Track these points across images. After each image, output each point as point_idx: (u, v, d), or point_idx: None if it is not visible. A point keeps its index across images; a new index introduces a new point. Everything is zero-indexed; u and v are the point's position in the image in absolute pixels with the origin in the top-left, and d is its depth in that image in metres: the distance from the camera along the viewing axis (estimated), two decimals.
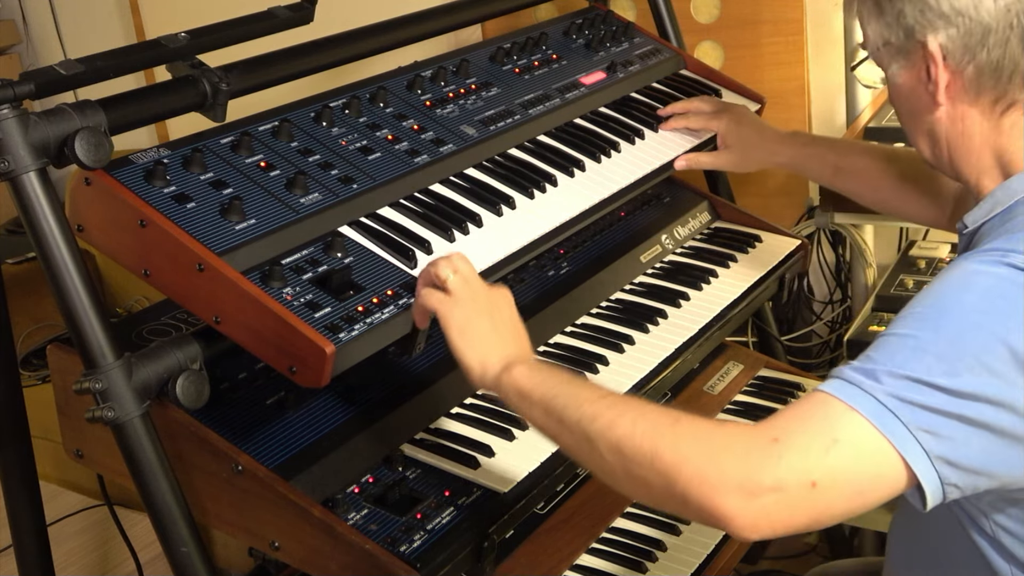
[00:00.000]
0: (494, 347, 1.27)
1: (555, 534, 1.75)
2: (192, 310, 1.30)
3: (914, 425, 1.05)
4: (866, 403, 1.06)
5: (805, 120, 2.57)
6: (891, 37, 1.26)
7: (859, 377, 1.08)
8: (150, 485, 1.26)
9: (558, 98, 1.87)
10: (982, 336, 1.06)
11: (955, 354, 1.06)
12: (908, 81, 1.28)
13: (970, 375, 1.05)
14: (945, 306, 1.10)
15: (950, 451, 1.06)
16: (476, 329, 1.27)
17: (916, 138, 1.32)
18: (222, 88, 1.46)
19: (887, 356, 1.08)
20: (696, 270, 1.99)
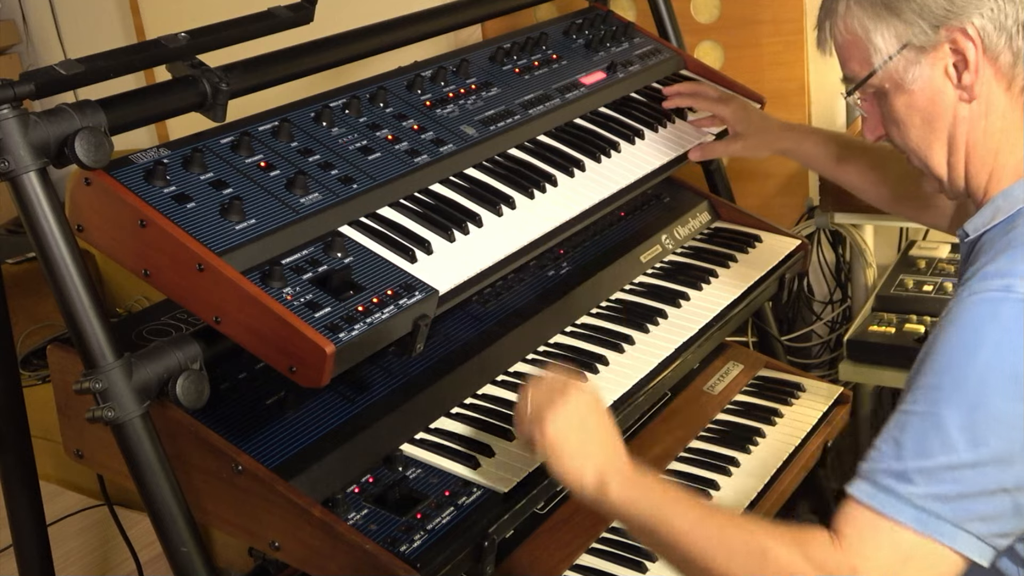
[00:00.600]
0: (585, 464, 1.28)
1: (555, 534, 1.75)
2: (192, 310, 1.30)
3: (959, 519, 1.07)
4: (907, 512, 1.09)
5: (805, 120, 2.57)
6: (913, 36, 1.21)
7: (893, 483, 1.09)
8: (150, 485, 1.26)
9: (558, 98, 1.87)
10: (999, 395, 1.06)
11: (978, 421, 1.06)
12: (929, 83, 1.23)
13: (996, 438, 1.06)
14: (960, 374, 1.08)
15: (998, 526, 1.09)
16: (565, 448, 1.29)
17: (929, 151, 1.27)
18: (222, 88, 1.45)
19: (914, 446, 1.09)
20: (696, 270, 1.99)
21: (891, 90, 1.26)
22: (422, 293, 1.35)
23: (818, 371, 2.70)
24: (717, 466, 1.93)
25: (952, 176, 1.28)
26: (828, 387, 2.19)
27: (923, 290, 2.33)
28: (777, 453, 1.97)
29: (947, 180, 1.29)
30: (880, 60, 1.24)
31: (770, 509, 1.89)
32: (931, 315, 2.27)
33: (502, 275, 1.54)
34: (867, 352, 2.27)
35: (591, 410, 1.32)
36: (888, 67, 1.24)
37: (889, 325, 2.28)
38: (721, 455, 1.96)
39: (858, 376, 2.32)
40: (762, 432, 2.02)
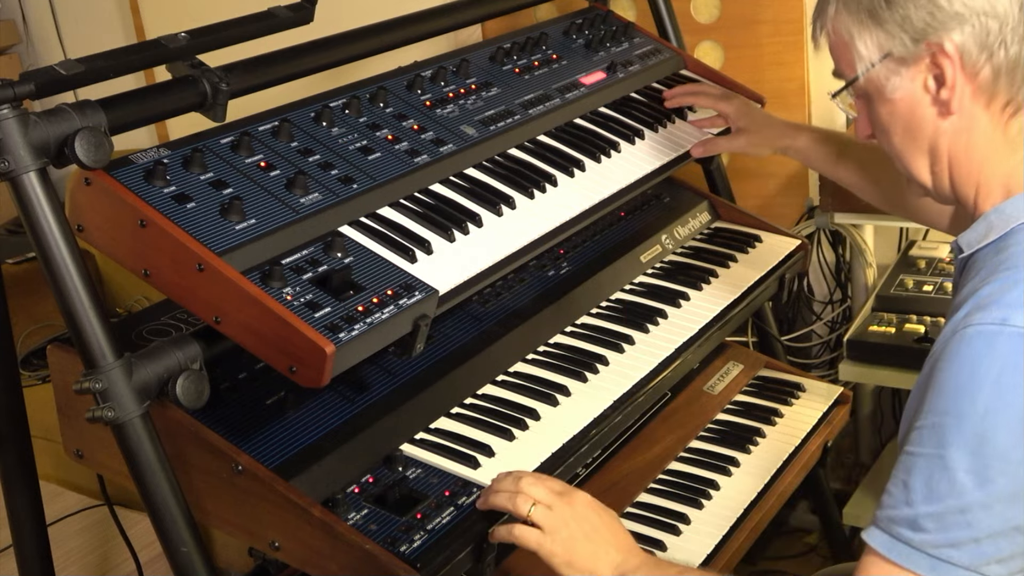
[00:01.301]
0: (600, 564, 1.30)
1: None
2: (192, 310, 1.30)
3: (974, 564, 1.07)
4: (922, 562, 1.08)
5: (805, 120, 2.56)
6: (894, 47, 1.20)
7: (906, 532, 1.09)
8: (150, 485, 1.26)
9: (558, 98, 1.87)
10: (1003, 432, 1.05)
11: (984, 461, 1.06)
12: (909, 94, 1.21)
13: (1003, 477, 1.05)
14: (962, 413, 1.06)
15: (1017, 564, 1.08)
16: (579, 554, 1.30)
17: (911, 160, 1.26)
18: (222, 88, 1.45)
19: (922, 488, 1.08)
20: (696, 270, 1.99)
21: (874, 96, 1.25)
22: (422, 293, 1.35)
23: (818, 371, 2.70)
24: (717, 466, 1.93)
25: (937, 184, 1.26)
26: (828, 387, 2.19)
27: (923, 290, 2.33)
28: (777, 453, 1.97)
29: (932, 187, 1.27)
30: (863, 67, 1.23)
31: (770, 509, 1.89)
32: (931, 315, 2.27)
33: (502, 275, 1.54)
34: (867, 352, 2.27)
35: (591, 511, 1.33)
36: (870, 74, 1.23)
37: (889, 325, 2.28)
38: (721, 455, 1.96)
39: (858, 376, 2.32)
40: (762, 432, 2.02)
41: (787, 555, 2.66)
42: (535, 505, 1.31)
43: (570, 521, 1.31)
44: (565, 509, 1.31)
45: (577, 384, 1.63)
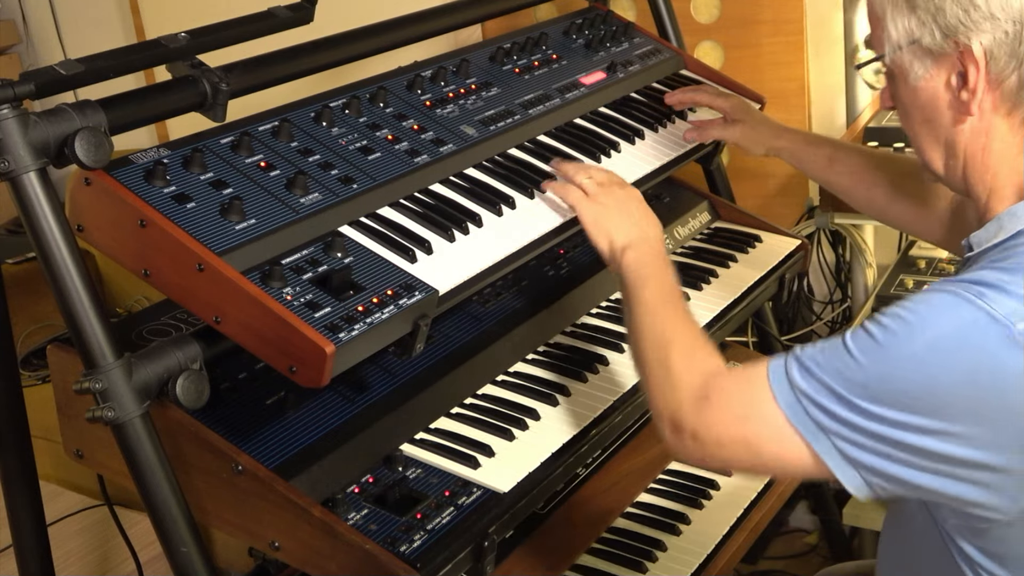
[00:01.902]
0: (619, 234, 1.49)
1: (555, 534, 1.75)
2: (192, 310, 1.30)
3: (825, 426, 1.13)
4: (785, 394, 1.15)
5: (805, 120, 2.57)
6: (923, 36, 1.17)
7: (794, 367, 1.16)
8: (150, 485, 1.26)
9: (558, 98, 1.87)
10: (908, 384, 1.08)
11: (880, 389, 1.10)
12: (931, 86, 1.20)
13: (888, 408, 1.09)
14: (893, 342, 1.10)
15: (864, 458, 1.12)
16: (607, 220, 1.51)
17: (927, 147, 1.25)
18: (222, 88, 1.45)
19: (827, 359, 1.14)
20: (696, 270, 1.99)
21: (898, 77, 1.24)
22: (422, 293, 1.35)
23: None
24: None
25: (949, 176, 1.26)
26: None
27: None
28: None
29: (944, 178, 1.27)
30: (890, 48, 1.22)
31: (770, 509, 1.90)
32: None
33: (502, 275, 1.54)
34: None
35: (634, 200, 1.55)
36: (895, 56, 1.22)
37: None
38: None
39: None
40: None
41: (787, 555, 2.66)
42: (590, 177, 1.56)
43: (611, 198, 1.53)
44: (614, 188, 1.56)
45: (577, 384, 1.63)
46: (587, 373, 1.65)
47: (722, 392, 1.23)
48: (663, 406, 1.28)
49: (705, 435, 1.23)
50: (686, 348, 1.31)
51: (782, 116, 2.53)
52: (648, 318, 1.37)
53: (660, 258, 1.47)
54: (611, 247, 1.49)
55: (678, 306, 1.40)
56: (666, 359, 1.30)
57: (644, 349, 1.35)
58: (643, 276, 1.43)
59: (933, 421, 1.08)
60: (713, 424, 1.22)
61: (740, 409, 1.20)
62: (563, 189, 1.57)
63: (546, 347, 1.73)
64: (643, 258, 1.46)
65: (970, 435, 1.07)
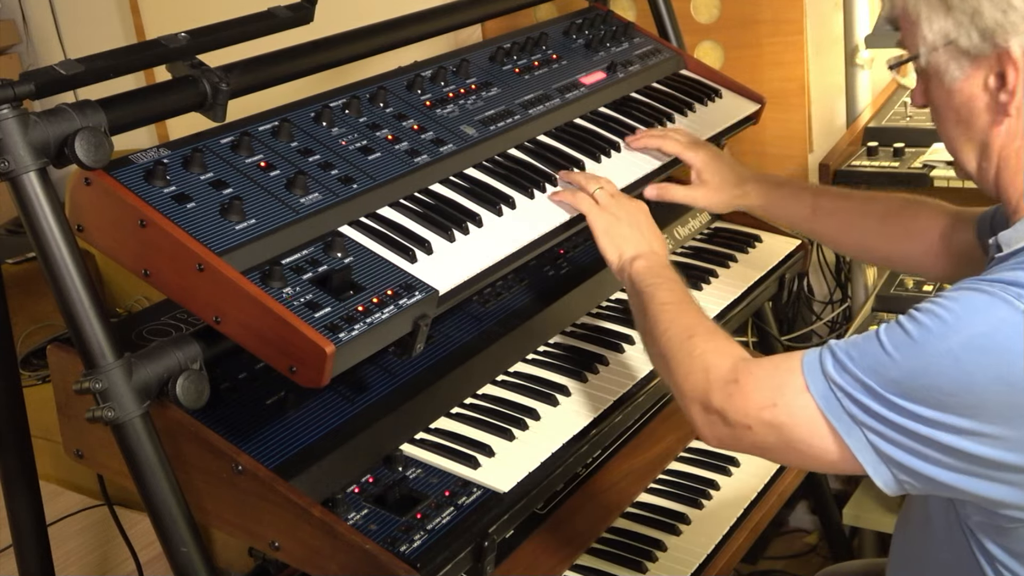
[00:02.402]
0: (628, 245, 1.55)
1: (555, 534, 1.76)
2: (192, 310, 1.30)
3: (859, 419, 1.12)
4: (819, 385, 1.15)
5: (805, 120, 2.56)
6: (959, 37, 1.16)
7: (828, 359, 1.15)
8: (150, 485, 1.26)
9: (558, 98, 1.87)
10: (943, 381, 1.07)
11: (913, 385, 1.09)
12: (968, 87, 1.18)
13: (922, 405, 1.08)
14: (928, 339, 1.09)
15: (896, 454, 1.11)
16: (617, 231, 1.57)
17: (961, 148, 1.24)
18: (222, 88, 1.45)
19: (861, 354, 1.13)
20: (696, 270, 1.99)
21: (932, 78, 1.22)
22: (422, 293, 1.35)
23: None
24: (717, 466, 1.93)
25: (981, 177, 1.24)
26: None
27: (923, 290, 2.32)
28: None
29: (976, 178, 1.26)
30: (924, 49, 1.20)
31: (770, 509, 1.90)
32: None
33: (502, 275, 1.54)
34: None
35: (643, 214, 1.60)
36: (931, 57, 1.20)
37: None
38: (722, 455, 1.96)
39: None
40: None
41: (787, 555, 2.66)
42: (601, 188, 1.61)
43: (621, 210, 1.59)
44: (624, 201, 1.61)
45: (577, 384, 1.63)
46: (587, 373, 1.65)
47: (752, 376, 1.23)
48: (690, 389, 1.29)
49: (734, 417, 1.23)
50: (710, 336, 1.33)
51: (782, 116, 2.54)
52: (667, 314, 1.40)
53: (669, 268, 1.52)
54: (621, 257, 1.54)
55: (694, 304, 1.44)
56: (691, 347, 1.32)
57: (666, 342, 1.36)
58: (656, 281, 1.47)
59: (966, 420, 1.07)
60: (742, 407, 1.22)
61: (771, 394, 1.20)
62: (574, 197, 1.60)
63: (546, 347, 1.73)
64: (654, 267, 1.50)
65: (1003, 436, 1.06)
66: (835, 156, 2.30)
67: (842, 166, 2.26)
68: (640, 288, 1.47)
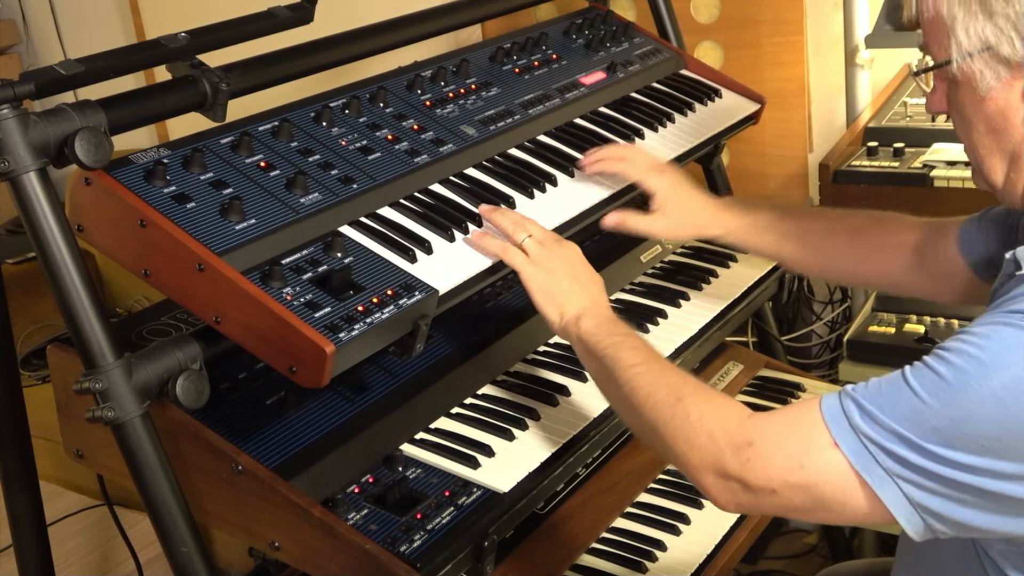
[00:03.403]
0: (569, 303, 1.43)
1: (555, 534, 1.75)
2: (192, 310, 1.30)
3: (895, 472, 1.06)
4: (849, 440, 1.08)
5: (805, 120, 2.57)
6: (1000, 44, 1.10)
7: (854, 410, 1.08)
8: (150, 485, 1.26)
9: (558, 98, 1.87)
10: (988, 426, 1.02)
11: (955, 433, 1.03)
12: (1003, 97, 1.13)
13: (965, 453, 1.03)
14: (967, 383, 1.03)
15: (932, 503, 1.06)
16: (555, 286, 1.44)
17: (988, 157, 1.19)
18: (222, 88, 1.45)
19: (892, 403, 1.07)
20: (696, 270, 1.99)
21: (962, 84, 1.17)
22: (422, 293, 1.35)
23: (818, 371, 2.70)
24: None
25: (1007, 189, 1.19)
26: (828, 387, 2.19)
27: None
28: None
29: (1002, 192, 1.21)
30: (958, 54, 1.14)
31: None
32: (931, 315, 2.27)
33: (502, 275, 1.54)
34: (867, 352, 2.26)
35: (578, 260, 1.47)
36: (964, 63, 1.14)
37: (889, 325, 2.28)
38: None
39: (858, 376, 2.31)
40: None
41: (787, 555, 2.66)
42: (530, 237, 1.46)
43: (555, 261, 1.45)
44: (556, 248, 1.46)
45: (577, 384, 1.63)
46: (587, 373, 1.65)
47: (768, 436, 1.14)
48: (700, 459, 1.18)
49: (756, 483, 1.14)
50: (701, 396, 1.23)
51: (782, 116, 2.54)
52: (642, 379, 1.27)
53: (616, 321, 1.40)
54: (563, 316, 1.42)
55: (664, 360, 1.33)
56: (685, 412, 1.21)
57: (652, 410, 1.24)
58: (614, 341, 1.35)
59: (1011, 464, 1.03)
60: (764, 470, 1.13)
61: (797, 454, 1.11)
62: (503, 250, 1.45)
63: (546, 347, 1.73)
64: (603, 324, 1.38)
65: None
66: (835, 156, 2.30)
67: (842, 166, 2.26)
68: (598, 352, 1.35)
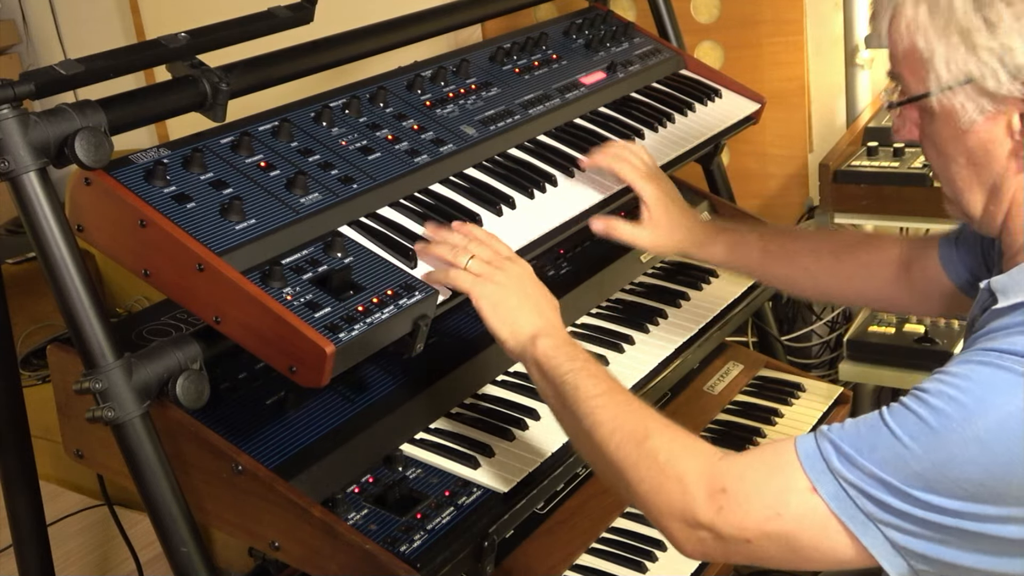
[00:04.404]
0: (522, 321, 1.35)
1: (555, 534, 1.75)
2: (192, 310, 1.30)
3: (876, 518, 1.04)
4: (828, 485, 1.05)
5: (805, 120, 2.57)
6: (984, 77, 1.07)
7: (832, 454, 1.06)
8: (150, 485, 1.26)
9: (558, 98, 1.87)
10: (972, 469, 1.00)
11: (937, 477, 1.01)
12: (986, 129, 1.10)
13: (948, 498, 1.01)
14: (949, 427, 1.01)
15: (916, 545, 1.04)
16: (506, 305, 1.35)
17: (966, 190, 1.16)
18: (222, 88, 1.45)
19: (870, 446, 1.04)
20: (696, 270, 1.99)
21: (941, 117, 1.13)
22: (422, 293, 1.35)
23: (818, 371, 2.70)
24: None
25: (985, 221, 1.17)
26: (828, 387, 2.19)
27: None
28: None
29: (979, 223, 1.18)
30: (936, 87, 1.11)
31: None
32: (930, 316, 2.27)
33: None
34: (867, 352, 2.27)
35: (529, 278, 1.39)
36: (943, 96, 1.11)
37: (889, 325, 2.28)
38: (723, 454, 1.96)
39: (858, 376, 2.32)
40: (762, 432, 2.02)
41: None
42: (473, 258, 1.37)
43: (505, 279, 1.36)
44: (506, 265, 1.38)
45: None
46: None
47: (743, 481, 1.09)
48: (667, 505, 1.12)
49: (729, 532, 1.09)
50: (669, 435, 1.17)
51: (782, 116, 2.54)
52: (604, 413, 1.21)
53: (574, 344, 1.34)
54: (516, 336, 1.34)
55: (626, 391, 1.26)
56: (652, 453, 1.15)
57: (616, 448, 1.17)
58: (573, 367, 1.27)
59: (993, 508, 1.01)
60: (738, 519, 1.08)
61: (772, 501, 1.07)
62: (447, 277, 1.37)
63: None
64: (560, 347, 1.31)
65: None
66: (835, 156, 2.30)
67: (842, 166, 2.26)
68: (556, 377, 1.28)
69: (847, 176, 2.24)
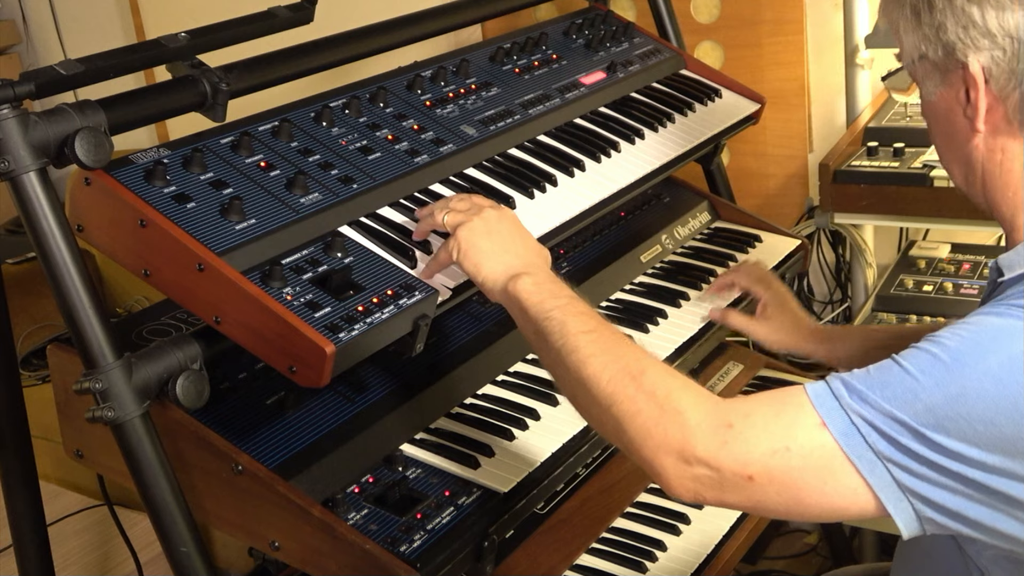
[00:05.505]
0: (500, 260, 1.31)
1: (555, 534, 1.75)
2: (192, 310, 1.30)
3: (885, 455, 1.03)
4: (838, 420, 1.04)
5: (805, 120, 2.57)
6: (928, 52, 1.14)
7: (843, 391, 1.05)
8: (150, 485, 1.26)
9: (558, 98, 1.87)
10: (982, 406, 1.00)
11: (949, 413, 1.01)
12: (944, 101, 1.17)
13: (957, 440, 1.01)
14: (962, 360, 1.01)
15: (922, 488, 1.03)
16: (479, 247, 1.32)
17: (948, 160, 1.22)
18: (222, 88, 1.45)
19: (882, 383, 1.04)
20: (696, 270, 1.99)
21: (919, 90, 1.21)
22: (422, 293, 1.35)
23: (818, 371, 2.70)
24: None
25: (971, 191, 1.21)
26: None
27: (923, 290, 2.33)
28: None
29: (965, 191, 1.22)
30: (906, 60, 1.20)
31: None
32: (931, 315, 2.27)
33: None
34: None
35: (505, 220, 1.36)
36: (911, 69, 1.20)
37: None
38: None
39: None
40: None
41: (787, 555, 2.66)
42: (449, 212, 1.36)
43: (481, 223, 1.33)
44: (486, 212, 1.35)
45: None
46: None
47: (750, 417, 1.07)
48: (663, 438, 1.08)
49: (731, 467, 1.06)
50: (665, 370, 1.14)
51: (782, 116, 2.54)
52: (595, 347, 1.17)
53: (559, 282, 1.29)
54: (493, 276, 1.31)
55: (616, 329, 1.22)
56: (649, 387, 1.11)
57: (608, 381, 1.13)
58: (557, 304, 1.23)
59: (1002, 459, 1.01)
60: (743, 453, 1.06)
61: (780, 435, 1.05)
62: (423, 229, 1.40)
63: None
64: (543, 283, 1.27)
65: None
66: (835, 156, 2.30)
67: (842, 166, 2.26)
68: (540, 313, 1.23)
69: (847, 176, 2.24)
